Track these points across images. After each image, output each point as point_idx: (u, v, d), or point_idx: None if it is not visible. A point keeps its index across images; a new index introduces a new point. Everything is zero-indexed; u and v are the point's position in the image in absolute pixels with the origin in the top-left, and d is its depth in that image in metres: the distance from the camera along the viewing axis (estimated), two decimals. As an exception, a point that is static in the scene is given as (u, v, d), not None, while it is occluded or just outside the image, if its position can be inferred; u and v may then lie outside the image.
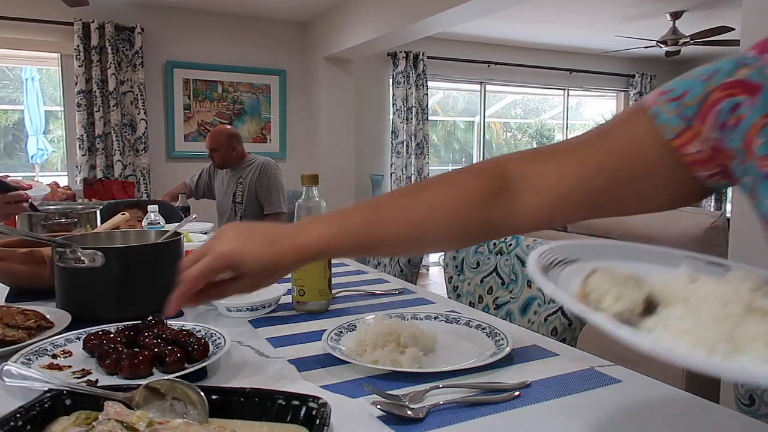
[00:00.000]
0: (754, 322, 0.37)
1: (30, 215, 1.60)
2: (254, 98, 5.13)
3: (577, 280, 0.44)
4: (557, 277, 0.44)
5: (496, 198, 0.68)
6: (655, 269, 0.52)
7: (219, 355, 0.80)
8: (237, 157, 3.25)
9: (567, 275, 0.45)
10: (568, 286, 0.44)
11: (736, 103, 0.59)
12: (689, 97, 0.61)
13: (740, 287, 0.40)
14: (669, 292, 0.41)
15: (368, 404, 0.67)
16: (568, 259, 0.48)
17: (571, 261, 0.48)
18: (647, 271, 0.50)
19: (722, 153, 0.61)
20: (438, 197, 0.69)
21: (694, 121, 0.61)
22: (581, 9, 4.81)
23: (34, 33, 4.29)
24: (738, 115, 0.59)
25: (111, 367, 0.75)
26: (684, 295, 0.40)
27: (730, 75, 0.60)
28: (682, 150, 0.62)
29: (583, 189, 0.66)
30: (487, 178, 0.69)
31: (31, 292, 1.20)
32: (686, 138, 0.62)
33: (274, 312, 1.10)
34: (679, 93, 0.62)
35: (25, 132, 4.73)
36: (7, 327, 0.87)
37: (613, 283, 0.40)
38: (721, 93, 0.60)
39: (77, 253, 1.00)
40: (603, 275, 0.41)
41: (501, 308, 1.49)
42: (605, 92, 6.96)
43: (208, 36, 4.86)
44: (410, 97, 5.56)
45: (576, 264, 0.48)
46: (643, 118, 0.64)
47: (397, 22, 4.03)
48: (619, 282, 0.40)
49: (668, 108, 0.62)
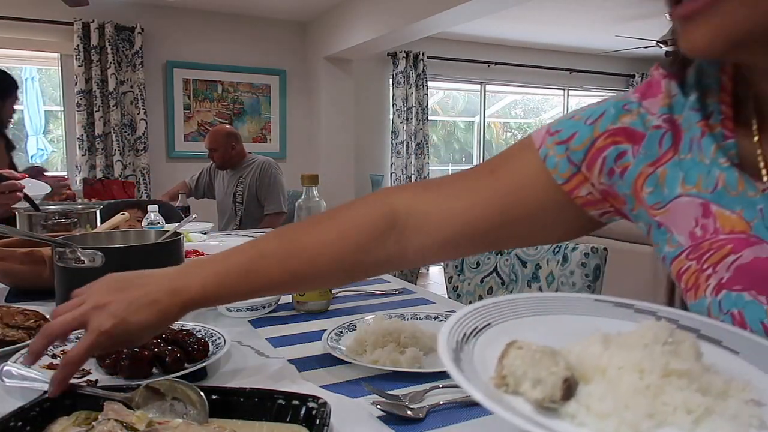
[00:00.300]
0: (672, 388, 0.38)
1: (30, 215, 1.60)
2: (254, 98, 5.13)
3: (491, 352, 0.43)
4: (471, 354, 0.43)
5: (384, 239, 0.67)
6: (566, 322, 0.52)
7: (219, 355, 0.80)
8: (237, 157, 3.25)
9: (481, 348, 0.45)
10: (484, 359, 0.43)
11: (621, 151, 0.60)
12: (576, 141, 0.62)
13: (653, 350, 0.40)
14: (586, 364, 0.41)
15: (368, 404, 0.67)
16: (480, 327, 0.48)
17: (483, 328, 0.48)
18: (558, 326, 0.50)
19: (613, 197, 0.62)
20: (323, 246, 0.67)
21: (582, 167, 0.62)
22: (581, 9, 4.81)
23: (34, 33, 4.29)
24: (624, 163, 0.60)
25: (111, 367, 0.75)
26: (601, 366, 0.40)
27: (614, 121, 0.60)
28: (573, 194, 0.63)
29: (471, 230, 0.66)
30: (375, 221, 0.67)
31: (31, 292, 1.20)
32: (575, 182, 0.62)
33: (274, 312, 1.10)
34: (566, 136, 0.62)
35: (25, 132, 4.73)
36: (7, 327, 0.87)
37: (529, 364, 0.39)
38: (606, 140, 0.60)
39: (77, 253, 1.00)
40: (518, 354, 0.40)
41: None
42: (605, 92, 6.96)
43: (208, 36, 4.86)
44: (410, 97, 5.56)
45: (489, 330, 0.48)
46: (532, 157, 0.64)
47: (397, 22, 4.03)
48: (535, 361, 0.39)
49: (556, 151, 0.62)
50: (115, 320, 0.60)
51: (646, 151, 0.59)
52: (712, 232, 0.54)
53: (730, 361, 0.45)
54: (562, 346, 0.44)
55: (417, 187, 0.72)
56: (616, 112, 0.61)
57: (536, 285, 1.40)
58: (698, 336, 0.48)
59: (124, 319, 0.61)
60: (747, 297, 0.52)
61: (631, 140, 0.60)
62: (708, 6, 0.44)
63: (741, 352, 0.46)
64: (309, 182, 1.11)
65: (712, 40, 0.45)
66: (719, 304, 0.54)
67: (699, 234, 0.55)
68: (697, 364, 0.41)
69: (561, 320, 0.52)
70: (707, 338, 0.48)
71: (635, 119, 0.59)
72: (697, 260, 0.55)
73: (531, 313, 0.52)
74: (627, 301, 0.54)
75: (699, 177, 0.56)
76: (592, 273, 1.26)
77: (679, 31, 0.48)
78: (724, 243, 0.54)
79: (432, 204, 0.68)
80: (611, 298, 0.55)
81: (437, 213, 0.67)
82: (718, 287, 0.54)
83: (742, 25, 0.44)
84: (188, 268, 0.67)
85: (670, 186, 0.58)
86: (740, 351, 0.46)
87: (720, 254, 0.54)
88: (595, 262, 1.26)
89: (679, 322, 0.50)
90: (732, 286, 0.53)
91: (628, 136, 0.60)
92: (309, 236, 0.68)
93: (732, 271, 0.53)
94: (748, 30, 0.44)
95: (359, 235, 0.67)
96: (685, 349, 0.42)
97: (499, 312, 0.51)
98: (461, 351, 0.43)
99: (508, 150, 0.69)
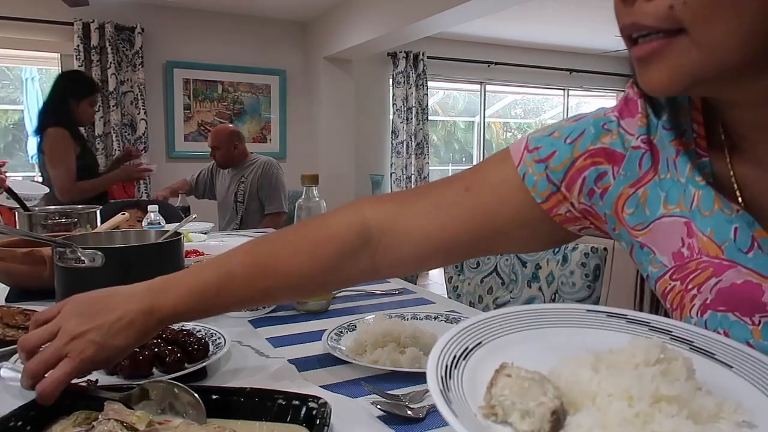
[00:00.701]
0: (662, 416, 0.38)
1: (30, 215, 1.61)
2: (254, 98, 5.13)
3: (482, 374, 0.43)
4: (461, 380, 0.43)
5: (357, 256, 0.68)
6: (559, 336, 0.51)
7: (219, 355, 0.80)
8: (239, 156, 3.26)
9: (471, 370, 0.44)
10: (474, 385, 0.43)
11: (601, 172, 0.60)
12: (555, 160, 0.61)
13: (644, 373, 0.40)
14: (575, 390, 0.41)
15: (368, 404, 0.67)
16: (471, 347, 0.47)
17: (474, 347, 0.47)
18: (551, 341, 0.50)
19: (594, 216, 0.63)
20: (294, 266, 0.68)
21: (561, 186, 0.62)
22: (581, 9, 4.81)
23: (34, 33, 4.29)
24: (604, 184, 0.60)
25: (111, 367, 0.75)
26: (590, 392, 0.40)
27: (594, 141, 0.60)
28: (552, 212, 0.63)
29: (445, 247, 0.67)
30: (347, 238, 0.68)
31: (31, 292, 1.20)
32: (554, 201, 0.62)
33: (274, 312, 1.10)
34: (545, 154, 0.62)
35: (25, 132, 4.73)
36: (7, 327, 0.87)
37: (518, 394, 0.39)
38: (585, 161, 0.60)
39: (77, 253, 1.00)
40: (507, 383, 0.40)
41: (501, 308, 1.49)
42: (605, 92, 6.96)
43: (208, 36, 4.86)
44: (410, 97, 5.56)
45: (480, 349, 0.48)
46: (510, 174, 0.64)
47: (397, 22, 4.03)
48: (523, 390, 0.39)
49: (535, 170, 0.62)
50: (96, 347, 0.60)
51: (626, 173, 0.59)
52: (697, 252, 0.54)
53: (723, 375, 0.45)
54: (552, 368, 0.43)
55: (392, 202, 0.71)
56: (596, 132, 0.60)
57: (536, 285, 1.40)
58: (691, 348, 0.48)
59: (104, 345, 0.60)
60: (732, 317, 0.52)
61: (611, 161, 0.59)
62: (662, 48, 0.44)
63: (734, 366, 0.45)
64: (309, 182, 1.11)
65: (669, 80, 0.45)
66: (705, 323, 0.54)
67: (686, 254, 0.55)
68: (689, 385, 0.41)
69: (553, 334, 0.52)
70: (700, 351, 0.48)
71: (615, 139, 0.59)
72: (681, 281, 0.55)
73: (523, 328, 0.52)
74: (620, 311, 0.54)
75: (679, 196, 0.56)
76: (592, 273, 1.26)
77: (637, 71, 0.48)
78: (707, 265, 0.54)
79: (406, 222, 0.68)
80: (604, 309, 0.55)
81: (411, 232, 0.67)
82: (703, 308, 0.54)
83: (696, 66, 0.44)
84: (157, 285, 0.66)
85: (652, 207, 0.57)
86: (733, 365, 0.45)
87: (705, 275, 0.53)
88: (595, 262, 1.26)
89: (672, 333, 0.50)
90: (716, 307, 0.53)
91: (608, 156, 0.60)
92: (279, 256, 0.68)
93: (714, 294, 0.53)
94: (703, 69, 0.44)
95: (330, 255, 0.67)
96: (677, 367, 0.42)
97: (490, 329, 0.51)
98: (450, 378, 0.42)
99: (485, 164, 0.68)
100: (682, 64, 0.44)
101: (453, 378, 0.43)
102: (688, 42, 0.43)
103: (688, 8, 0.42)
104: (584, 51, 6.39)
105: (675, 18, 0.43)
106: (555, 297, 1.33)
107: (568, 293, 1.29)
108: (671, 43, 0.44)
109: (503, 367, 0.42)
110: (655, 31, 0.44)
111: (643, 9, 0.44)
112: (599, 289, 1.27)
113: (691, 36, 0.43)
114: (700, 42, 0.43)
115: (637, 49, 0.47)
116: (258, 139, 5.16)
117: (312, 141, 5.30)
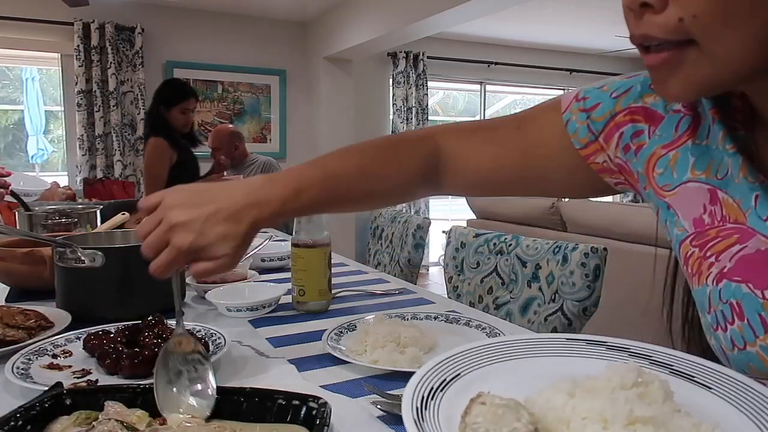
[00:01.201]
0: None
1: (30, 215, 1.61)
2: (254, 98, 5.13)
3: (458, 406, 0.43)
4: (437, 411, 0.43)
5: (430, 175, 0.76)
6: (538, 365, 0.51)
7: (219, 355, 0.80)
8: (239, 157, 3.28)
9: (448, 402, 0.44)
10: (450, 416, 0.42)
11: (638, 130, 0.62)
12: (598, 112, 0.65)
13: (617, 397, 0.40)
14: (549, 416, 0.40)
15: (368, 404, 0.67)
16: (448, 379, 0.47)
17: (453, 379, 0.47)
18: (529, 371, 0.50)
19: (628, 173, 0.65)
20: (385, 171, 0.73)
21: (600, 137, 0.64)
22: (581, 9, 4.81)
23: (34, 33, 4.29)
24: (639, 141, 0.62)
25: (111, 367, 0.75)
26: (565, 417, 0.40)
27: (637, 99, 0.62)
28: (589, 159, 0.66)
29: (495, 177, 0.74)
30: (425, 156, 0.75)
31: (31, 292, 1.20)
32: (592, 149, 0.66)
33: (274, 312, 1.10)
34: (590, 105, 0.65)
35: (25, 132, 4.73)
36: (7, 327, 0.87)
37: (491, 421, 0.39)
38: (625, 117, 0.63)
39: (77, 253, 1.00)
40: (480, 411, 0.40)
41: (501, 308, 1.49)
42: (605, 92, 6.96)
43: (208, 36, 4.86)
44: (410, 97, 5.56)
45: (458, 381, 0.47)
46: (555, 119, 0.68)
47: (397, 22, 4.03)
48: (497, 417, 0.39)
49: (578, 118, 0.66)
50: (195, 235, 0.62)
51: (661, 133, 0.61)
52: (720, 219, 0.55)
53: (702, 397, 0.45)
54: (528, 396, 0.43)
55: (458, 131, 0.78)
56: (641, 90, 0.62)
57: (536, 285, 1.40)
58: (671, 372, 0.48)
59: (204, 233, 0.62)
60: (744, 289, 0.53)
61: (649, 120, 0.62)
62: (673, 58, 0.45)
63: (713, 387, 0.45)
64: (309, 182, 1.11)
65: (684, 90, 0.46)
66: (719, 293, 0.54)
67: (706, 221, 0.57)
68: (665, 407, 0.40)
69: (533, 363, 0.52)
70: (680, 374, 0.48)
71: (658, 101, 0.61)
72: (700, 248, 0.57)
73: (502, 359, 0.52)
74: (599, 339, 0.54)
75: (710, 163, 0.57)
76: (592, 273, 1.26)
77: (652, 79, 0.49)
78: (731, 232, 0.54)
79: (466, 150, 0.75)
80: (584, 336, 0.55)
81: (469, 159, 0.75)
82: (719, 276, 0.55)
83: (708, 75, 0.45)
84: (257, 182, 0.67)
85: (680, 170, 0.59)
86: (712, 386, 0.45)
87: (726, 243, 0.54)
88: (595, 262, 1.26)
89: (652, 358, 0.50)
90: (732, 276, 0.54)
91: (647, 116, 0.62)
92: (376, 163, 0.73)
93: (735, 262, 0.54)
94: (715, 78, 0.45)
95: (413, 169, 0.74)
96: (654, 390, 0.42)
97: (469, 361, 0.50)
98: (426, 409, 0.42)
99: (538, 106, 0.73)
100: (695, 74, 0.45)
101: (429, 409, 0.42)
102: (699, 53, 0.44)
103: (698, 21, 0.42)
104: (584, 51, 6.39)
105: (684, 30, 0.43)
106: (555, 297, 1.33)
107: (568, 293, 1.29)
108: (682, 54, 0.45)
109: (479, 396, 0.42)
110: (665, 41, 0.45)
111: (653, 21, 0.45)
112: (599, 289, 1.27)
113: (701, 48, 0.44)
114: (711, 54, 0.43)
115: (649, 58, 0.47)
116: (258, 139, 5.16)
117: (312, 141, 5.30)
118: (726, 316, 0.54)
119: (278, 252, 1.55)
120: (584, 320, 1.28)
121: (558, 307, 1.30)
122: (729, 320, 0.54)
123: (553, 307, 1.31)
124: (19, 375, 0.71)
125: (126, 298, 1.04)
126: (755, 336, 0.52)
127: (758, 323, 0.52)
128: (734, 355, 0.54)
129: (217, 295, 1.11)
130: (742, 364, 0.54)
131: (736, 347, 0.54)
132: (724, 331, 0.55)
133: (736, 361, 0.55)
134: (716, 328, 0.56)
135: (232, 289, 1.16)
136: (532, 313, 1.39)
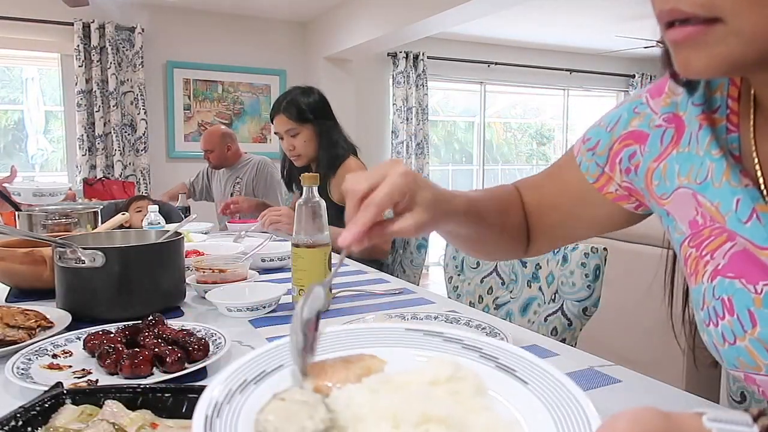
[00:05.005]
0: None
1: (30, 215, 1.61)
2: (254, 98, 5.13)
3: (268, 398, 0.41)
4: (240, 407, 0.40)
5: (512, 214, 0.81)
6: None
7: (219, 355, 0.80)
8: (233, 157, 3.27)
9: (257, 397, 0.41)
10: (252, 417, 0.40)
11: (632, 152, 0.68)
12: (600, 147, 0.72)
13: (414, 394, 0.39)
14: (348, 414, 0.39)
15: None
16: (268, 371, 0.44)
17: (273, 370, 0.45)
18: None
19: (635, 192, 0.71)
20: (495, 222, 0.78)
21: (605, 168, 0.72)
22: (581, 9, 4.81)
23: (34, 33, 4.29)
24: (636, 161, 0.68)
25: (111, 367, 0.75)
26: (361, 416, 0.38)
27: (626, 126, 0.68)
28: (603, 190, 0.73)
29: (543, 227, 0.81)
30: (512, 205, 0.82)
31: (31, 292, 1.20)
32: (603, 181, 0.72)
33: (274, 312, 1.10)
34: (593, 144, 0.73)
35: (25, 132, 4.73)
36: (7, 327, 0.87)
37: (283, 419, 0.37)
38: (620, 145, 0.69)
39: (77, 253, 1.00)
40: (275, 407, 0.38)
41: (501, 308, 1.49)
42: (605, 92, 6.96)
43: (208, 36, 4.86)
44: (410, 97, 5.56)
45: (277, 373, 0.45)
46: (572, 164, 0.76)
47: (397, 22, 4.03)
48: (290, 414, 0.37)
49: (587, 157, 0.74)
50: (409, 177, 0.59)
51: (650, 149, 0.65)
52: (710, 219, 0.58)
53: (517, 392, 0.44)
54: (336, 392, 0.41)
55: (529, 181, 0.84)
56: (628, 117, 0.68)
57: (536, 285, 1.40)
58: (497, 365, 0.47)
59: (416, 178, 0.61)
60: (737, 284, 0.54)
61: (638, 141, 0.67)
62: (700, 33, 0.45)
63: (530, 383, 0.44)
64: (309, 182, 1.11)
65: (707, 66, 0.46)
66: (713, 289, 0.56)
67: (700, 222, 0.59)
68: (471, 404, 0.40)
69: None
70: (504, 368, 0.47)
71: (642, 121, 0.66)
72: (697, 247, 0.59)
73: (336, 349, 0.49)
74: (436, 330, 0.53)
75: (690, 168, 0.60)
76: (592, 273, 1.26)
77: (673, 54, 0.48)
78: (720, 231, 0.57)
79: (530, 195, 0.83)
80: (422, 327, 0.53)
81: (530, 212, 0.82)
82: (713, 273, 0.56)
83: (735, 53, 0.45)
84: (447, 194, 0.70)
85: (670, 178, 0.63)
86: (529, 382, 0.45)
87: (718, 241, 0.57)
88: (595, 262, 1.26)
89: (482, 350, 0.49)
90: (726, 273, 0.55)
91: (636, 138, 0.67)
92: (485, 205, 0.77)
93: (728, 258, 0.56)
94: (742, 56, 0.45)
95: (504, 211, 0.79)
96: (467, 387, 0.41)
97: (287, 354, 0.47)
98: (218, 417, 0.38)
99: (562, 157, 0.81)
100: (720, 52, 0.45)
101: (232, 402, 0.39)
102: (725, 30, 0.44)
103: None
104: (584, 51, 6.39)
105: (714, 5, 0.43)
106: (555, 297, 1.33)
107: (568, 293, 1.29)
108: (708, 30, 0.44)
109: (284, 391, 0.40)
110: (692, 17, 0.44)
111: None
112: (599, 289, 1.27)
113: (728, 25, 0.43)
114: (737, 31, 0.43)
115: (672, 32, 0.46)
116: (258, 139, 5.16)
117: (312, 141, 5.29)
118: (717, 312, 0.56)
119: (278, 252, 1.55)
120: (584, 320, 1.28)
121: (558, 307, 1.30)
122: (720, 316, 0.56)
123: (553, 307, 1.31)
124: (19, 375, 0.71)
125: (126, 298, 1.04)
126: (744, 330, 0.53)
127: (747, 318, 0.53)
128: (725, 350, 0.56)
129: (217, 295, 1.11)
130: (733, 358, 0.55)
131: (727, 342, 0.55)
132: (716, 326, 0.56)
133: (727, 355, 0.56)
134: (708, 324, 0.57)
135: (232, 289, 1.16)
136: (532, 313, 1.38)
